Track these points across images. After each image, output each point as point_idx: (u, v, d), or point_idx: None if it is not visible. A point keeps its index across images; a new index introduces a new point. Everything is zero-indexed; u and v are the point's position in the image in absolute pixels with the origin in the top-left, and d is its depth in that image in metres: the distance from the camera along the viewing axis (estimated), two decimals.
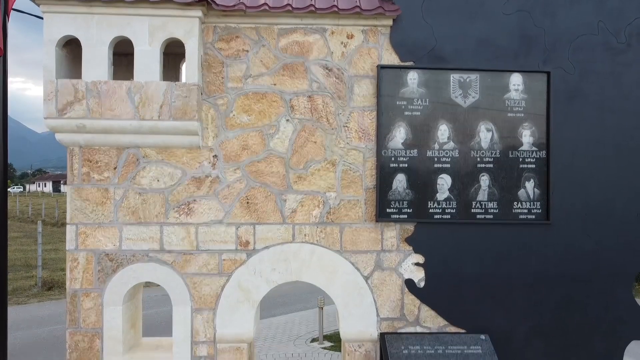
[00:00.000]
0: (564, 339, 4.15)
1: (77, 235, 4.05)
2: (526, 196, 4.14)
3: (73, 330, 4.05)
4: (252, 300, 4.08)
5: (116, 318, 4.05)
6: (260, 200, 4.08)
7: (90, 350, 4.05)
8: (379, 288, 4.10)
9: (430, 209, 4.11)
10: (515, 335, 4.13)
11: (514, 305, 4.14)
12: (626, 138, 4.17)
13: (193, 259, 4.06)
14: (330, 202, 4.10)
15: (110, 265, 4.05)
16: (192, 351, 4.06)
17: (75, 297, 4.05)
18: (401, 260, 4.11)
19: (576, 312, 4.15)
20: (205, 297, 4.07)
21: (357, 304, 4.09)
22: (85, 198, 4.04)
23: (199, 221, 4.06)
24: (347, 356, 4.11)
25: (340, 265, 4.09)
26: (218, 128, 4.07)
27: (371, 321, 4.09)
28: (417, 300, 4.11)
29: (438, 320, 4.13)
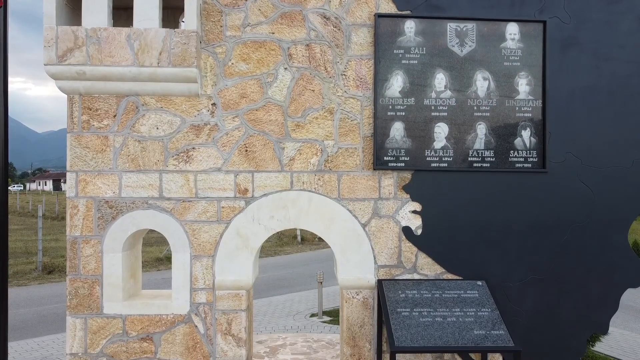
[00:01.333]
0: (559, 286, 4.18)
1: (77, 182, 4.08)
2: (522, 144, 4.17)
3: (73, 277, 4.08)
4: (251, 247, 4.11)
5: (116, 265, 4.08)
6: (258, 148, 4.11)
7: (90, 296, 4.08)
8: (376, 235, 4.13)
9: (428, 157, 4.14)
10: (511, 281, 4.16)
11: (510, 252, 4.16)
12: (621, 86, 4.20)
13: (192, 206, 4.10)
14: (328, 150, 4.13)
15: (110, 213, 4.08)
16: (191, 297, 4.09)
17: (75, 244, 4.08)
18: (398, 207, 4.14)
19: (572, 259, 4.18)
20: (204, 244, 4.10)
21: (355, 251, 4.12)
22: (85, 145, 4.07)
23: (198, 169, 4.09)
24: (345, 303, 4.14)
25: (338, 212, 4.12)
26: (217, 76, 4.10)
27: (369, 268, 4.12)
28: (415, 248, 4.14)
29: (435, 267, 4.16)
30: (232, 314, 4.09)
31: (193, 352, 4.08)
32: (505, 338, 3.53)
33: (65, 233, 4.09)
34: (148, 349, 4.07)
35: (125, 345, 4.07)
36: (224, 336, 4.08)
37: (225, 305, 4.09)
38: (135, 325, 4.08)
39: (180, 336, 4.08)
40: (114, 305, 4.07)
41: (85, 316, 4.07)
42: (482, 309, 3.79)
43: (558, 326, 4.16)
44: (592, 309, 4.18)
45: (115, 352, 4.07)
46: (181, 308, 4.08)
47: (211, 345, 4.08)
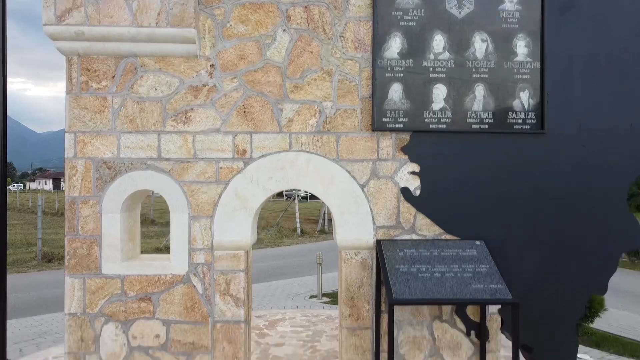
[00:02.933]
0: (558, 248, 4.18)
1: (76, 143, 4.08)
2: (521, 106, 4.18)
3: (72, 237, 4.08)
4: (249, 208, 4.11)
5: (114, 225, 4.08)
6: (257, 109, 4.12)
7: (88, 257, 4.08)
8: (374, 196, 4.13)
9: (426, 119, 4.14)
10: (509, 244, 4.16)
11: (509, 215, 4.17)
12: (620, 49, 4.21)
13: (190, 167, 4.10)
14: (327, 112, 4.13)
15: (109, 173, 4.09)
16: (190, 258, 4.09)
17: (74, 205, 4.09)
18: (397, 168, 4.14)
19: (570, 222, 4.19)
20: (202, 205, 4.10)
21: (353, 212, 4.13)
22: (83, 106, 4.08)
23: (196, 129, 4.10)
24: (344, 264, 4.14)
25: (336, 173, 4.12)
26: (215, 38, 4.10)
27: (367, 229, 4.13)
28: (413, 209, 4.15)
29: (433, 228, 4.16)
30: (230, 274, 4.09)
31: (192, 312, 4.08)
32: (504, 291, 3.53)
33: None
34: (147, 309, 4.08)
35: (123, 305, 4.07)
36: (222, 296, 4.09)
37: (223, 265, 4.09)
38: (134, 285, 4.08)
39: (179, 296, 4.08)
40: (113, 265, 4.08)
41: (83, 276, 4.08)
42: (481, 265, 3.79)
43: (556, 287, 4.16)
44: (591, 270, 4.18)
45: (114, 312, 4.07)
46: (180, 268, 4.09)
47: (210, 306, 4.09)
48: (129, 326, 4.07)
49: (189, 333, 4.08)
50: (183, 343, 4.08)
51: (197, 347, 4.08)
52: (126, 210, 4.20)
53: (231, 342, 4.08)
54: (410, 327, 4.12)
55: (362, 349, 4.12)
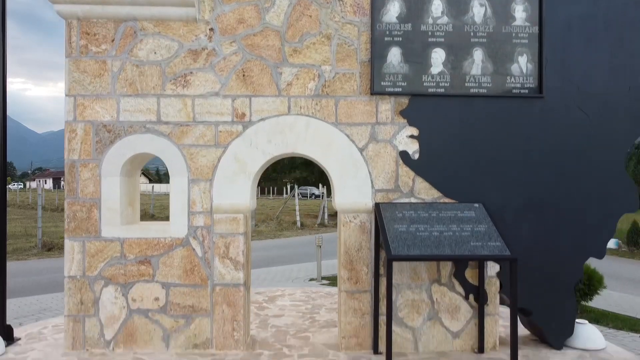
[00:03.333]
0: (556, 212, 4.19)
1: (76, 106, 4.09)
2: (519, 71, 4.19)
3: (71, 200, 4.09)
4: (248, 172, 4.12)
5: (114, 189, 4.09)
6: (256, 73, 4.13)
7: (88, 220, 4.09)
8: (373, 160, 4.15)
9: (425, 83, 4.15)
10: (508, 207, 4.17)
11: (507, 179, 4.18)
12: (617, 14, 4.22)
13: (189, 130, 4.11)
14: (326, 75, 4.14)
15: (108, 137, 4.10)
16: (189, 221, 4.10)
17: (73, 168, 4.10)
18: (396, 132, 4.15)
19: (568, 186, 4.20)
20: (201, 168, 4.11)
21: (352, 175, 4.14)
22: (83, 70, 4.09)
23: (195, 93, 4.11)
24: (343, 227, 4.15)
25: (335, 137, 4.13)
26: (214, 1, 4.11)
27: (366, 192, 4.13)
28: (412, 172, 4.16)
29: (432, 192, 4.17)
30: (229, 237, 4.10)
31: (191, 275, 4.09)
32: (502, 248, 3.55)
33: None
34: (146, 271, 4.09)
35: (123, 268, 4.08)
36: (221, 259, 4.10)
37: (223, 228, 4.10)
38: (133, 248, 4.09)
39: (178, 259, 4.09)
40: (112, 228, 4.09)
41: (83, 239, 4.09)
42: (479, 225, 3.81)
43: (555, 251, 4.17)
44: (589, 234, 4.19)
45: (113, 275, 4.08)
46: (179, 231, 4.10)
47: (209, 269, 4.10)
48: (128, 289, 4.08)
49: (189, 296, 4.09)
50: (182, 306, 4.08)
51: (196, 310, 4.09)
52: (126, 175, 4.21)
53: (230, 305, 4.09)
54: (409, 290, 4.13)
55: (361, 312, 4.13)
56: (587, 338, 4.22)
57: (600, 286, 6.69)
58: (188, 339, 4.08)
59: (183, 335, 4.08)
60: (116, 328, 4.07)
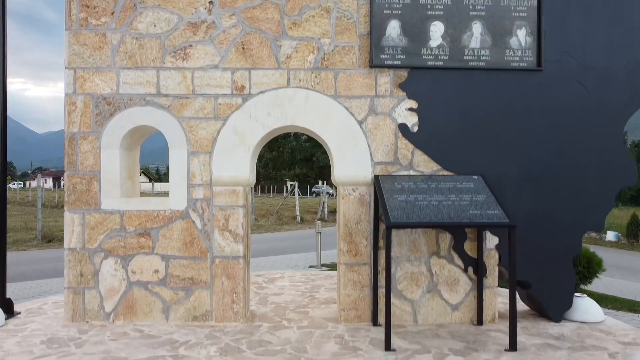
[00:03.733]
0: (555, 185, 4.19)
1: (75, 79, 4.10)
2: (518, 44, 4.20)
3: (71, 173, 4.10)
4: (248, 145, 4.13)
5: (113, 161, 4.10)
6: (255, 46, 4.14)
7: (88, 192, 4.10)
8: (372, 132, 4.15)
9: (424, 56, 4.16)
10: (507, 180, 4.17)
11: (506, 151, 4.18)
12: None
13: (189, 103, 4.12)
14: (325, 48, 4.15)
15: (108, 109, 4.11)
16: (189, 194, 4.11)
17: (73, 140, 4.11)
18: (395, 105, 4.16)
19: (567, 159, 4.20)
20: (201, 141, 4.12)
21: (351, 148, 4.14)
22: (83, 43, 4.10)
23: (195, 66, 4.12)
24: (342, 200, 4.16)
25: (334, 109, 4.14)
26: None
27: (365, 165, 4.14)
28: (411, 145, 4.17)
29: (431, 164, 4.18)
30: (229, 210, 4.11)
31: (190, 248, 4.10)
32: (501, 216, 3.55)
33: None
34: (146, 244, 4.09)
35: (123, 240, 4.09)
36: (221, 232, 4.10)
37: (222, 201, 4.11)
38: (133, 220, 4.10)
39: (178, 232, 4.10)
40: (112, 201, 4.10)
41: (83, 211, 4.09)
42: (478, 195, 3.81)
43: (553, 224, 4.17)
44: (588, 207, 4.20)
45: (113, 247, 4.09)
46: (178, 204, 4.11)
47: (208, 241, 4.10)
48: (128, 261, 4.09)
49: (188, 268, 4.10)
50: (182, 278, 4.09)
51: (196, 282, 4.09)
52: (126, 149, 4.22)
53: (230, 278, 4.10)
54: (408, 263, 4.14)
55: (360, 284, 4.13)
56: (585, 311, 4.23)
57: (600, 269, 6.69)
58: (188, 311, 4.09)
59: (183, 308, 4.09)
60: (116, 300, 4.08)
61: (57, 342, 3.60)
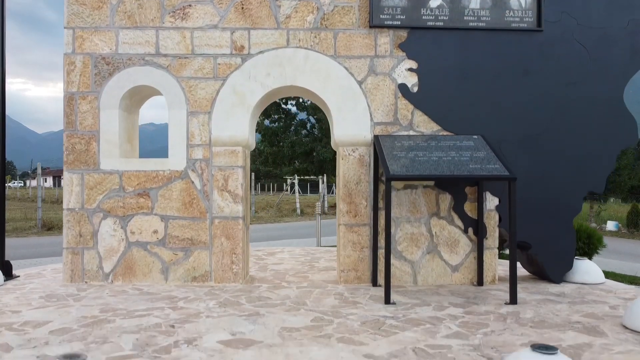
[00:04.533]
0: (555, 145, 4.18)
1: (74, 39, 4.09)
2: (518, 4, 4.18)
3: (70, 133, 4.09)
4: (247, 105, 4.12)
5: (113, 121, 4.09)
6: (254, 6, 4.13)
7: (87, 152, 4.09)
8: (372, 93, 4.14)
9: (424, 16, 4.15)
10: (507, 140, 4.16)
11: (506, 111, 4.17)
12: None
13: (188, 63, 4.11)
14: (324, 8, 4.14)
15: (107, 69, 4.09)
16: (188, 154, 4.10)
17: (72, 100, 4.09)
18: (394, 65, 4.15)
19: (568, 119, 4.19)
20: (200, 101, 4.11)
21: (351, 108, 4.13)
22: (82, 2, 4.08)
23: (194, 25, 4.11)
24: (342, 160, 4.15)
25: (334, 70, 4.13)
26: None
27: (365, 125, 4.13)
28: (411, 105, 4.15)
29: (431, 125, 4.17)
30: (228, 170, 4.10)
31: (190, 208, 4.09)
32: (501, 169, 3.54)
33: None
34: (145, 204, 4.08)
35: (122, 200, 4.08)
36: (220, 192, 4.09)
37: (221, 161, 4.10)
38: (132, 181, 4.08)
39: (177, 192, 4.09)
40: (111, 161, 4.09)
41: (82, 171, 4.08)
42: (478, 152, 3.80)
43: (553, 185, 4.16)
44: (588, 168, 4.18)
45: (112, 208, 4.08)
46: (177, 164, 4.09)
47: (208, 202, 4.09)
48: (127, 221, 4.08)
49: (187, 229, 4.08)
50: (181, 239, 4.08)
51: (195, 243, 4.08)
52: (125, 110, 4.20)
53: (229, 238, 4.08)
54: (408, 224, 4.12)
55: (360, 245, 4.12)
56: (585, 272, 4.22)
57: (600, 245, 6.66)
58: (187, 272, 4.07)
59: (182, 268, 4.07)
60: (115, 261, 4.07)
61: (56, 297, 3.58)
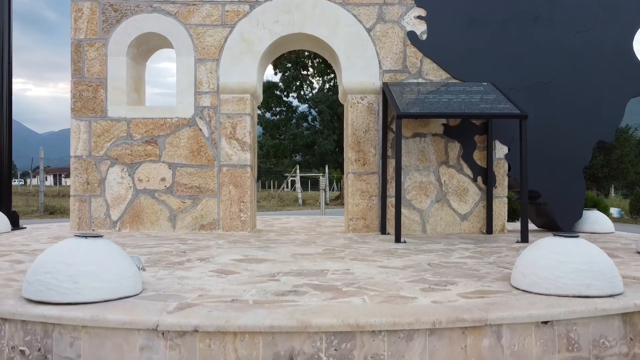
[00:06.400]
0: (565, 93, 4.15)
1: None
2: None
3: (77, 80, 4.07)
4: (255, 52, 4.10)
5: (120, 68, 4.07)
6: None
7: (94, 99, 4.07)
8: (381, 40, 4.12)
9: None
10: (516, 90, 4.13)
11: (515, 60, 4.14)
12: None
13: (196, 10, 4.09)
14: None
15: (115, 16, 4.07)
16: (196, 101, 4.08)
17: (80, 47, 4.07)
18: (403, 13, 4.13)
19: (577, 67, 4.15)
20: (208, 48, 4.09)
21: (360, 55, 4.11)
22: None
23: None
24: (350, 108, 4.13)
25: (342, 16, 4.11)
26: None
27: (374, 72, 4.11)
28: (420, 53, 4.13)
29: (440, 73, 4.14)
30: (236, 118, 4.08)
31: (197, 156, 4.07)
32: (512, 108, 3.52)
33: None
34: (152, 152, 4.06)
35: (129, 148, 4.06)
36: (228, 140, 4.07)
37: (229, 109, 4.08)
38: (140, 128, 4.07)
39: (185, 139, 4.07)
40: (118, 108, 4.07)
41: (89, 119, 4.06)
42: (488, 95, 3.78)
43: (563, 134, 4.13)
44: (598, 117, 4.15)
45: (120, 155, 4.06)
46: (185, 111, 4.07)
47: (215, 149, 4.07)
48: (134, 169, 4.06)
49: (195, 176, 4.06)
50: (189, 187, 4.06)
51: (203, 191, 4.06)
52: (132, 59, 4.19)
53: (237, 186, 4.06)
54: (417, 172, 4.10)
55: (369, 194, 4.10)
56: (595, 221, 4.20)
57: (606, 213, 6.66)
58: (195, 220, 4.05)
59: (190, 216, 4.05)
60: (122, 208, 4.05)
61: (64, 239, 3.56)
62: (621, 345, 1.58)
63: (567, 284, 1.66)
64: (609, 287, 1.67)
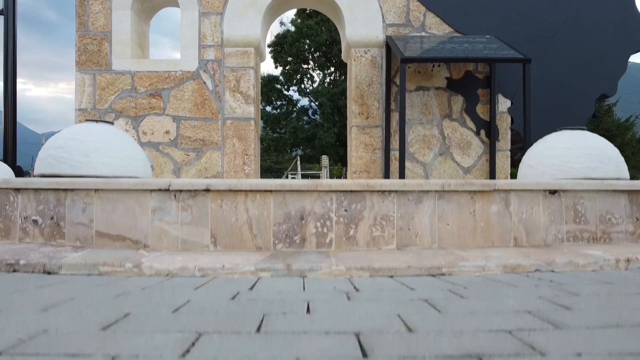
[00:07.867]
0: (567, 47, 4.17)
1: None
2: None
3: (82, 33, 4.09)
4: (259, 5, 4.11)
5: (124, 22, 4.09)
6: None
7: (99, 53, 4.08)
8: None
9: None
10: (519, 43, 4.14)
11: (518, 13, 4.15)
12: None
13: None
14: None
15: None
16: (200, 54, 4.09)
17: (84, 1, 4.09)
18: None
19: (580, 21, 4.17)
20: (212, 2, 4.10)
21: (363, 9, 4.13)
22: None
23: None
24: (354, 62, 4.14)
25: None
26: None
27: (377, 26, 4.12)
28: (423, 7, 4.15)
29: (444, 27, 4.16)
30: (240, 71, 4.09)
31: (202, 109, 4.08)
32: (515, 54, 3.53)
33: None
34: (156, 105, 4.08)
35: (134, 101, 4.07)
36: (232, 93, 4.09)
37: (233, 62, 4.09)
38: (144, 81, 4.08)
39: (189, 93, 4.08)
40: (123, 62, 4.08)
41: (94, 72, 4.08)
42: (491, 44, 3.79)
43: (566, 87, 4.15)
44: (600, 71, 4.17)
45: (124, 108, 4.07)
46: (189, 65, 4.09)
47: (220, 102, 4.09)
48: (139, 122, 4.07)
49: (199, 129, 4.08)
50: (193, 139, 4.07)
51: (207, 144, 4.07)
52: (136, 14, 4.20)
53: (241, 139, 4.08)
54: (420, 125, 4.12)
55: (372, 147, 4.11)
56: None
57: None
58: (199, 172, 4.07)
59: (194, 169, 4.07)
60: None
61: None
62: (627, 223, 1.60)
63: (573, 168, 1.68)
64: (615, 172, 1.68)
